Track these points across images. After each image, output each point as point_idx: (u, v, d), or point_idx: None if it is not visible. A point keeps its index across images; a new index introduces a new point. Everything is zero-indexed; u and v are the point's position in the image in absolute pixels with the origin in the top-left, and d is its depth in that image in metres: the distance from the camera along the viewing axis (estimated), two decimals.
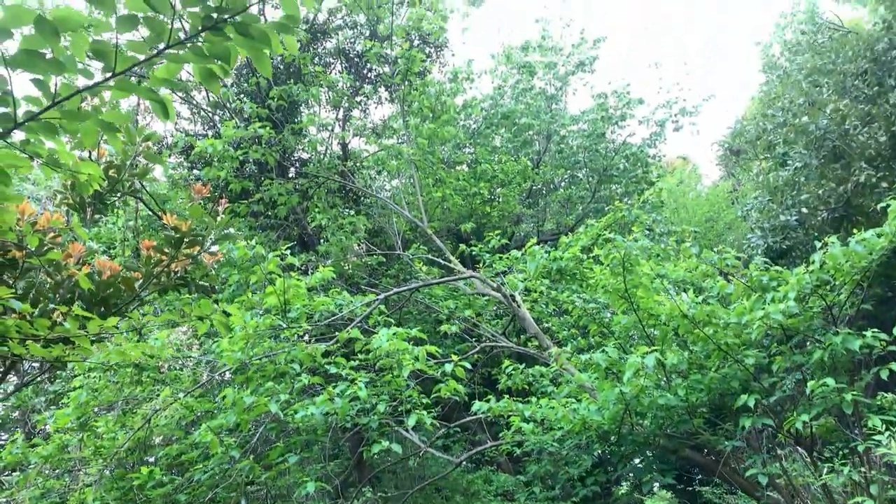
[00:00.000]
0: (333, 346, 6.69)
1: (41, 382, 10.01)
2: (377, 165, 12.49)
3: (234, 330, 6.04)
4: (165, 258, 4.35)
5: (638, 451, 7.95)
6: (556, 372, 7.74)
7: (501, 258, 9.99)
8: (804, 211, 9.63)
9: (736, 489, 8.81)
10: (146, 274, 4.34)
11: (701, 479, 11.81)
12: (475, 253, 10.78)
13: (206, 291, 4.63)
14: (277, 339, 6.79)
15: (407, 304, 10.66)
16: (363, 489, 9.36)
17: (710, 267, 7.10)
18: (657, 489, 12.65)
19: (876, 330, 5.43)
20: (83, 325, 2.89)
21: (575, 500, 10.20)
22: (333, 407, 5.97)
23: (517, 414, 6.83)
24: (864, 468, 5.61)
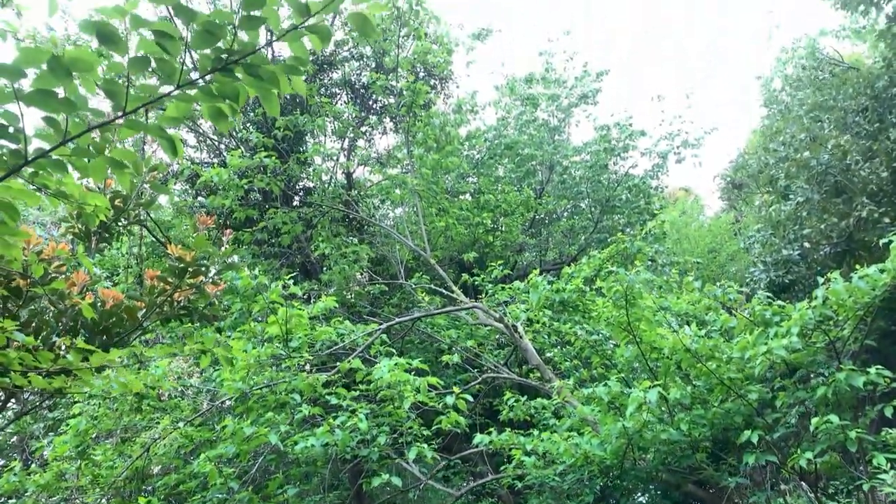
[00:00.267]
0: (334, 375, 6.66)
1: (41, 409, 9.96)
2: (381, 194, 12.56)
3: (235, 362, 6.03)
4: (169, 287, 4.37)
5: (640, 485, 7.86)
6: (558, 405, 7.69)
7: (504, 288, 9.98)
8: (806, 245, 9.64)
9: None
10: (149, 303, 4.35)
11: None
12: (477, 283, 10.77)
13: (208, 320, 4.64)
14: (279, 368, 6.77)
15: (409, 333, 10.63)
16: None
17: (712, 300, 7.09)
18: None
19: (880, 367, 5.40)
20: (86, 357, 2.89)
21: None
22: (334, 439, 5.93)
23: (519, 447, 6.78)
24: None
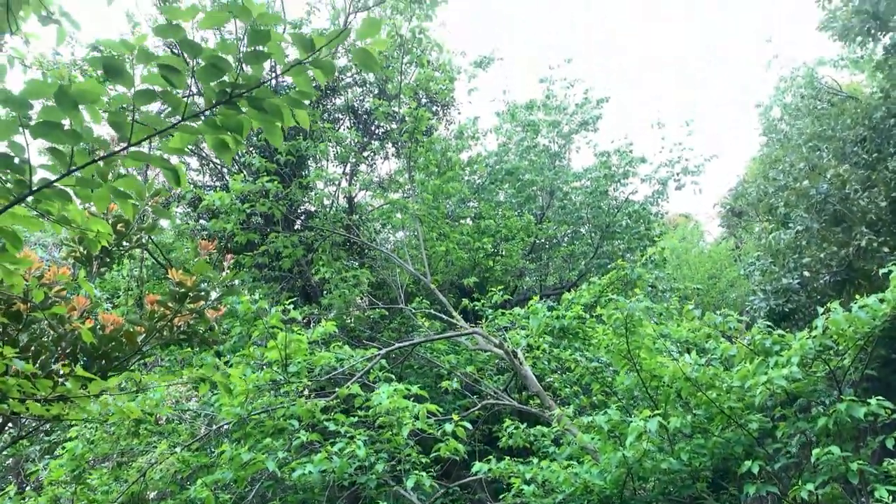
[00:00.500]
0: (333, 401, 6.64)
1: (38, 433, 9.90)
2: (382, 219, 12.60)
3: (234, 389, 6.02)
4: (169, 312, 4.37)
5: None
6: (557, 432, 7.65)
7: (504, 313, 9.97)
8: (806, 274, 9.65)
9: None
10: (149, 328, 4.36)
11: None
12: (478, 308, 10.76)
13: (208, 344, 4.64)
14: (277, 393, 6.75)
15: (408, 358, 10.60)
16: None
17: (712, 328, 7.09)
18: None
19: (881, 397, 5.39)
20: (84, 384, 2.89)
21: None
22: (331, 466, 5.89)
23: (518, 476, 6.73)
24: None
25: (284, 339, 6.44)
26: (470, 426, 6.84)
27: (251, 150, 11.07)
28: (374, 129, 12.65)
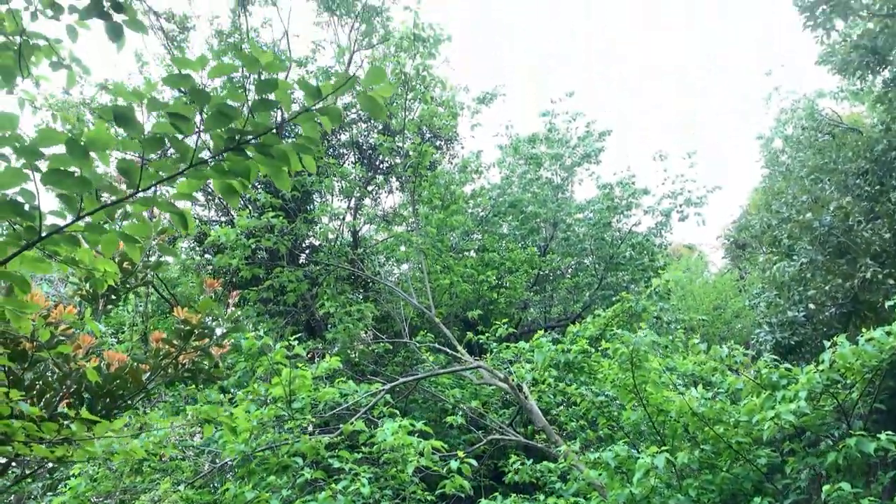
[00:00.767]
0: (337, 438, 6.60)
1: (41, 471, 9.82)
2: (386, 252, 12.64)
3: (238, 429, 5.98)
4: (174, 350, 4.38)
5: None
6: (564, 468, 7.57)
7: (508, 347, 9.94)
8: (812, 306, 9.62)
9: None
10: (154, 366, 4.35)
11: None
12: (482, 341, 10.73)
13: (212, 381, 4.63)
14: (281, 429, 6.71)
15: (412, 392, 10.55)
16: None
17: (718, 362, 7.05)
18: None
19: (890, 432, 5.33)
20: (89, 427, 2.89)
21: None
22: None
23: None
24: None
25: (289, 374, 6.43)
26: (475, 462, 6.78)
27: (257, 185, 11.16)
28: (378, 163, 12.76)
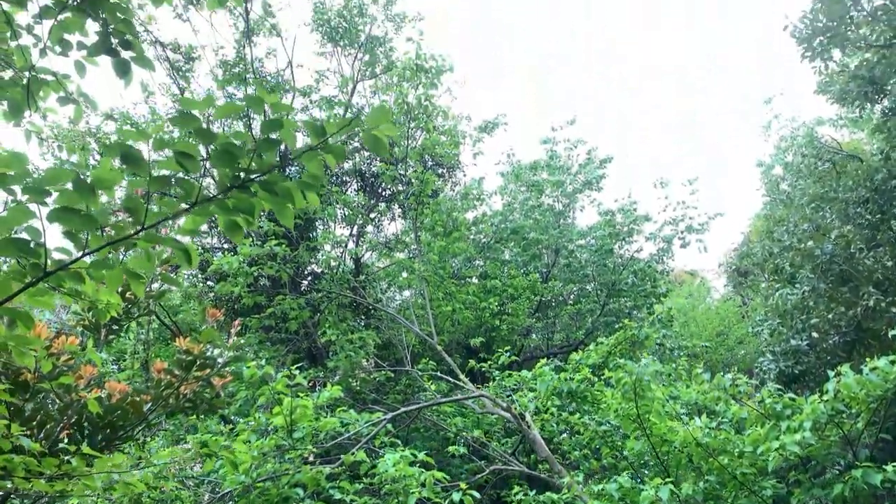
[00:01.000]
0: (338, 468, 6.54)
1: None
2: (388, 279, 12.64)
3: (239, 462, 5.94)
4: (175, 380, 4.36)
5: None
6: (568, 499, 7.49)
7: (511, 375, 9.89)
8: (815, 335, 9.60)
9: None
10: (155, 396, 4.34)
11: None
12: (484, 369, 10.68)
13: (213, 411, 4.61)
14: (282, 459, 6.66)
15: (414, 421, 10.47)
16: None
17: (722, 392, 7.01)
18: None
19: None
20: (90, 462, 2.88)
21: None
22: None
23: None
24: None
25: (290, 404, 6.40)
26: (478, 494, 6.71)
27: (260, 213, 11.20)
28: (381, 191, 12.82)
